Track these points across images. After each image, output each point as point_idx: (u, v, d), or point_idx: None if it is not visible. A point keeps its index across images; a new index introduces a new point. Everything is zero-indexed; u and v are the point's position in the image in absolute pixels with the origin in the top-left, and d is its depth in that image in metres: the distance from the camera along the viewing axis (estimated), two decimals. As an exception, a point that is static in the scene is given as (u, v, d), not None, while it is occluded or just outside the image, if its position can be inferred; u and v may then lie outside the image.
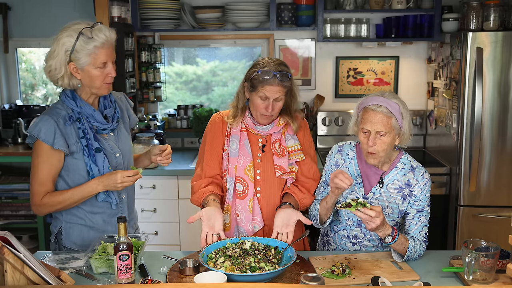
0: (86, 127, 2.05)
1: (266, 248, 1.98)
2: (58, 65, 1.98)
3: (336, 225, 2.22)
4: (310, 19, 3.88)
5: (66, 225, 2.14)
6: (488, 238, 1.99)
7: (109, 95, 2.17)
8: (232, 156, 2.22)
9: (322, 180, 2.26)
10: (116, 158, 2.13)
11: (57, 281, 1.64)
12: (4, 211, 3.91)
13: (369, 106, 2.04)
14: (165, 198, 3.57)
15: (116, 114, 2.16)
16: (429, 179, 2.11)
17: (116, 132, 2.18)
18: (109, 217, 2.15)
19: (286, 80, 2.11)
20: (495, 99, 3.27)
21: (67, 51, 1.97)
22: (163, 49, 4.08)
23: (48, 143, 1.98)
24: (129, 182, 2.03)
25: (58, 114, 2.04)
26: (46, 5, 4.17)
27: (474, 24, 3.37)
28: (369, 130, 2.02)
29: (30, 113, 4.18)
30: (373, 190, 2.12)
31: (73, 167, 2.05)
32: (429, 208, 2.11)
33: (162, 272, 1.92)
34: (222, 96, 4.42)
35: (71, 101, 2.05)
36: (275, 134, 2.25)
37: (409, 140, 2.10)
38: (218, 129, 2.27)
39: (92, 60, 1.98)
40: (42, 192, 2.03)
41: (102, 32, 1.98)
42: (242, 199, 2.21)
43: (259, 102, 2.13)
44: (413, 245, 1.99)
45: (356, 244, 2.18)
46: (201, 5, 3.95)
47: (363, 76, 4.10)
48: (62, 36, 1.97)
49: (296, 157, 2.24)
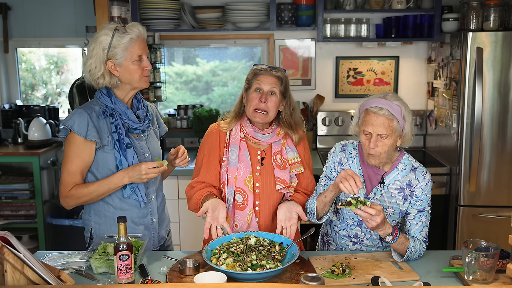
0: (119, 123, 2.09)
1: (271, 244, 1.98)
2: (98, 63, 2.05)
3: (336, 224, 2.22)
4: (310, 19, 3.88)
5: (95, 226, 2.16)
6: (488, 238, 1.99)
7: (142, 100, 2.23)
8: (231, 166, 2.19)
9: (323, 175, 2.24)
10: (145, 158, 2.16)
11: (57, 281, 1.64)
12: (4, 211, 3.91)
13: (371, 108, 2.02)
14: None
15: (148, 116, 2.20)
16: (430, 179, 2.11)
17: (147, 134, 2.22)
18: (138, 217, 2.16)
19: (280, 73, 2.17)
20: (495, 99, 3.27)
21: (104, 49, 2.04)
22: (163, 49, 4.08)
23: (81, 135, 2.03)
24: (154, 173, 2.04)
25: (92, 108, 2.09)
26: (46, 5, 4.18)
27: (474, 24, 3.37)
28: (370, 132, 2.01)
29: (30, 113, 4.18)
30: (374, 191, 2.12)
31: (103, 161, 2.09)
32: (430, 208, 2.11)
33: (162, 272, 1.92)
34: (222, 96, 4.42)
35: (106, 97, 2.11)
36: (276, 145, 2.23)
37: (411, 141, 2.10)
38: (215, 141, 2.24)
39: (129, 54, 2.05)
40: (70, 184, 2.06)
41: (135, 27, 2.08)
42: (242, 210, 2.19)
43: (253, 95, 2.15)
44: (414, 245, 1.99)
45: (356, 244, 2.18)
46: (201, 5, 3.95)
47: (363, 76, 4.10)
48: (99, 35, 2.06)
49: (296, 170, 2.23)
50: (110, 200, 2.13)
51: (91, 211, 2.17)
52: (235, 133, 2.22)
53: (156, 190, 2.23)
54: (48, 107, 4.29)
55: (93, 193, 2.06)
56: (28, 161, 3.90)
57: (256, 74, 2.17)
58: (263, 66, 2.20)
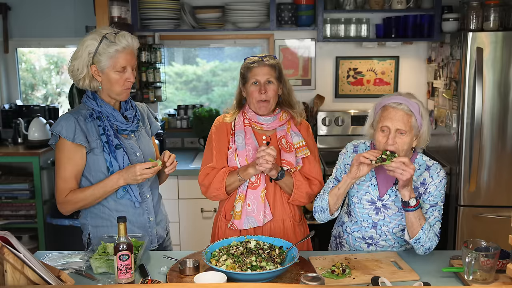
0: (107, 125, 2.09)
1: (270, 247, 1.98)
2: (81, 66, 2.05)
3: (349, 226, 2.20)
4: (310, 19, 3.88)
5: (92, 229, 2.16)
6: (488, 238, 1.98)
7: (130, 100, 2.22)
8: (240, 149, 2.26)
9: (333, 177, 2.23)
10: (136, 158, 2.15)
11: (57, 281, 1.64)
12: (4, 211, 3.91)
13: (389, 104, 2.02)
14: (165, 198, 3.49)
15: (137, 116, 2.20)
16: (445, 176, 2.11)
17: (137, 134, 2.21)
18: (134, 216, 2.16)
19: (272, 60, 2.24)
20: (495, 99, 3.27)
21: (90, 53, 2.04)
22: (163, 49, 4.08)
23: (69, 139, 2.03)
24: (149, 174, 2.04)
25: (78, 112, 2.10)
26: (46, 5, 4.17)
27: (474, 24, 3.37)
28: (388, 127, 1.99)
29: (30, 113, 4.18)
30: (389, 192, 2.10)
31: (94, 164, 2.08)
32: (442, 205, 2.10)
33: (162, 272, 1.92)
34: (222, 96, 4.42)
35: (92, 101, 2.11)
36: (280, 130, 2.30)
37: (427, 142, 2.08)
38: (223, 130, 2.32)
39: (112, 64, 2.04)
40: (66, 190, 2.06)
41: (125, 38, 2.06)
42: (255, 189, 2.24)
43: (252, 89, 2.23)
44: (428, 227, 1.99)
45: (371, 245, 2.16)
46: (201, 5, 3.95)
47: (363, 76, 4.10)
48: (87, 39, 2.06)
49: (302, 153, 2.28)
50: (105, 202, 2.12)
51: (88, 215, 2.17)
52: (238, 120, 2.30)
53: (151, 189, 2.23)
54: (48, 107, 4.29)
55: (89, 197, 2.07)
56: (28, 161, 3.90)
57: (249, 68, 2.24)
58: (254, 58, 2.26)
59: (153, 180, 2.27)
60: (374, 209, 2.11)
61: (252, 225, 2.24)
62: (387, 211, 2.10)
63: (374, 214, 2.11)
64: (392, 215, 2.09)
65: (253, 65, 2.23)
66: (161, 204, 2.35)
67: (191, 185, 3.50)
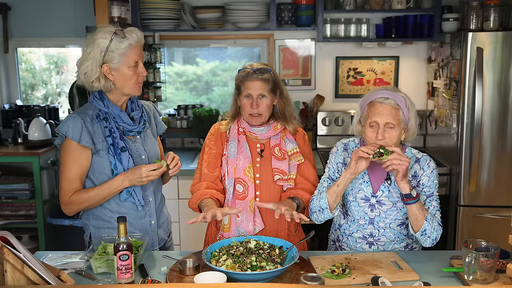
0: (113, 126, 2.07)
1: (271, 247, 1.98)
2: (94, 66, 2.02)
3: (347, 228, 2.19)
4: (310, 19, 3.88)
5: (94, 230, 2.16)
6: (488, 238, 1.98)
7: (136, 100, 2.21)
8: (231, 157, 2.24)
9: (326, 176, 2.23)
10: (141, 160, 2.14)
11: (57, 281, 1.64)
12: (4, 211, 3.91)
13: (376, 99, 2.03)
14: (165, 198, 3.55)
15: (143, 117, 2.19)
16: (435, 167, 2.11)
17: (143, 136, 2.20)
18: (136, 219, 2.15)
19: (266, 74, 2.18)
20: (495, 99, 3.27)
21: (102, 51, 2.00)
22: (163, 49, 4.08)
23: (75, 140, 2.01)
24: (154, 175, 2.03)
25: (85, 113, 2.08)
26: (46, 5, 4.18)
27: (474, 24, 3.36)
28: (377, 122, 2.00)
29: (30, 113, 4.18)
30: (382, 188, 2.11)
31: (99, 166, 2.07)
32: (437, 194, 2.11)
33: (162, 272, 1.92)
34: (222, 96, 4.42)
35: (99, 101, 2.08)
36: (274, 139, 2.28)
37: (415, 135, 2.09)
38: (218, 137, 2.31)
39: (126, 60, 2.02)
40: (70, 190, 2.05)
41: (134, 32, 2.05)
42: (242, 200, 2.22)
43: (245, 102, 2.21)
44: (431, 218, 1.99)
45: (373, 244, 2.15)
46: (201, 5, 3.95)
47: (363, 76, 4.10)
48: (97, 37, 2.01)
49: (295, 160, 2.26)
50: (107, 204, 2.12)
51: (90, 216, 2.16)
52: (233, 128, 2.30)
53: (154, 192, 2.22)
54: (48, 107, 4.29)
55: (93, 198, 2.06)
56: (28, 161, 3.90)
57: (242, 80, 2.21)
58: (248, 70, 2.21)
59: (156, 183, 2.26)
60: (369, 206, 2.12)
61: (243, 235, 2.19)
62: (382, 207, 2.10)
63: (369, 211, 2.12)
64: (387, 210, 2.10)
65: (246, 78, 2.20)
66: (164, 206, 2.35)
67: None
